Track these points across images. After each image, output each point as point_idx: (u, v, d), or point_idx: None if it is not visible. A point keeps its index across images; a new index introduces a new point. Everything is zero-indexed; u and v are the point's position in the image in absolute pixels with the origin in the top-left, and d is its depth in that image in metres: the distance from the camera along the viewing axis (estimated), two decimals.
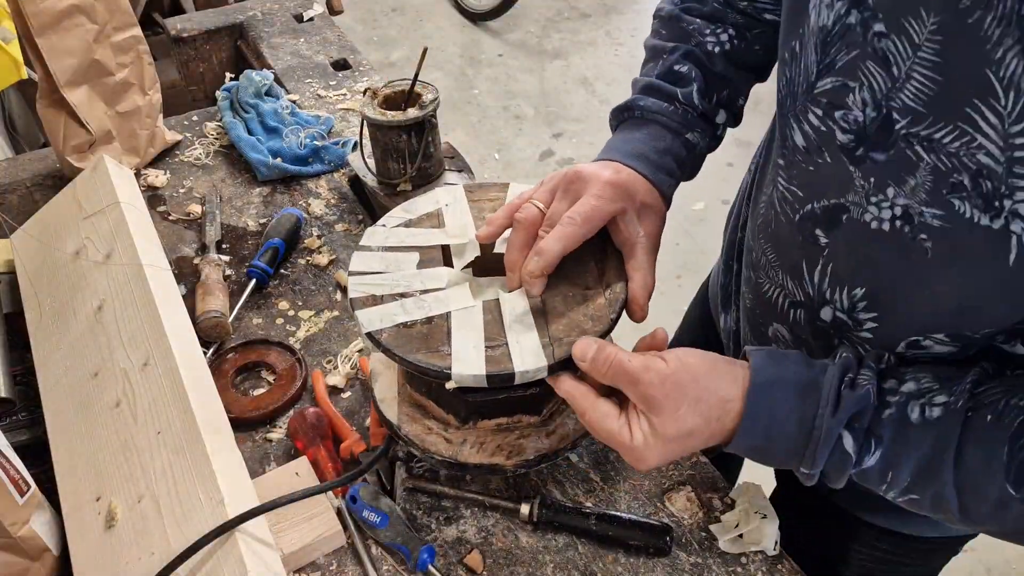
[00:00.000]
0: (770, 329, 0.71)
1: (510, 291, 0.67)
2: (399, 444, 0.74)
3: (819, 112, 0.57)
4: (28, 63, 0.99)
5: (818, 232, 0.61)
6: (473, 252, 0.72)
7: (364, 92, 1.07)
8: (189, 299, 0.95)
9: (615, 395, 0.61)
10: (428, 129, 1.02)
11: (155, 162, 1.21)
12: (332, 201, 1.14)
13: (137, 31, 1.11)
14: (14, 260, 0.96)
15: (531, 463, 0.69)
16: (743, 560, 0.71)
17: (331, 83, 1.37)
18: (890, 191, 0.53)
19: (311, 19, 1.53)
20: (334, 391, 0.87)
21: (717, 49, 0.75)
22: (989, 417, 0.51)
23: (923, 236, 0.52)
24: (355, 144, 1.16)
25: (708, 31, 0.75)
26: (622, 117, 0.77)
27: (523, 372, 0.61)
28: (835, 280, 0.61)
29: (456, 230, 0.74)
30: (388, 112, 1.01)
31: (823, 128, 0.57)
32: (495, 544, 0.73)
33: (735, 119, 0.79)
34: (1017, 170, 0.45)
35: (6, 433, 0.71)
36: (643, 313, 0.67)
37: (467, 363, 0.61)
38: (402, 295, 0.68)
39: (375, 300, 0.67)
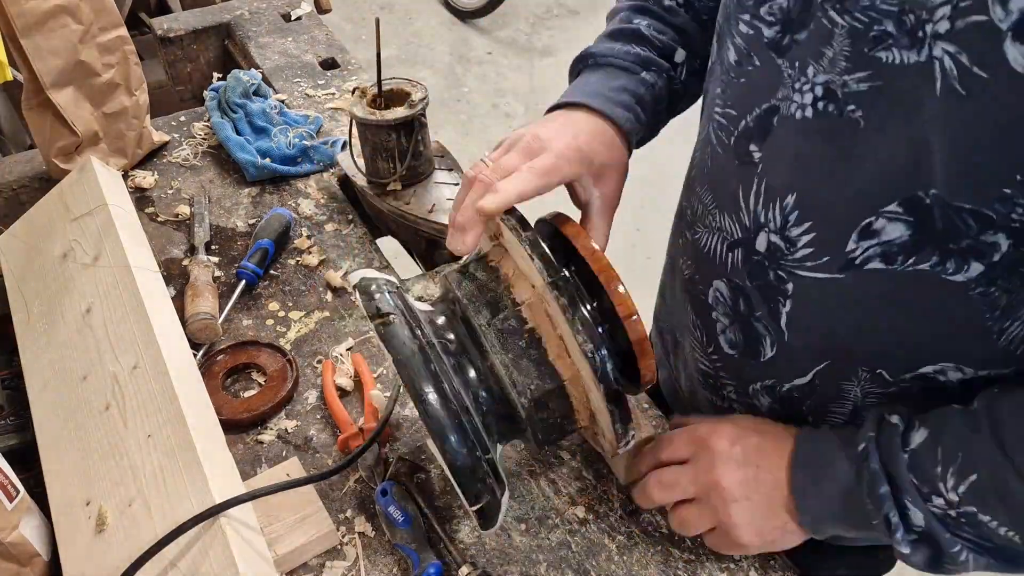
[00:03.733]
0: (710, 293, 0.71)
1: (450, 250, 0.64)
2: (390, 448, 0.73)
3: (747, 17, 0.59)
4: (13, 64, 0.98)
5: (752, 148, 0.61)
6: None
7: (353, 91, 1.07)
8: (178, 301, 0.94)
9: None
10: (418, 128, 1.02)
11: (143, 163, 1.20)
12: (321, 201, 1.14)
13: (123, 31, 1.10)
14: (0, 263, 0.95)
15: None
16: (736, 557, 0.71)
17: (319, 82, 1.36)
18: (810, 70, 0.54)
19: (299, 18, 1.53)
20: (342, 395, 0.86)
21: (675, 4, 0.76)
22: (1008, 404, 0.54)
23: (851, 107, 0.52)
24: (344, 144, 1.16)
25: None
26: (577, 69, 0.77)
27: None
28: (768, 196, 0.60)
29: None
30: (377, 111, 1.01)
31: (751, 31, 0.59)
32: (488, 544, 0.73)
33: (695, 68, 0.78)
34: None
35: None
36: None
37: None
38: None
39: None
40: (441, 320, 0.64)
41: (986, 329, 0.55)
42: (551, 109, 0.72)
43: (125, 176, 1.16)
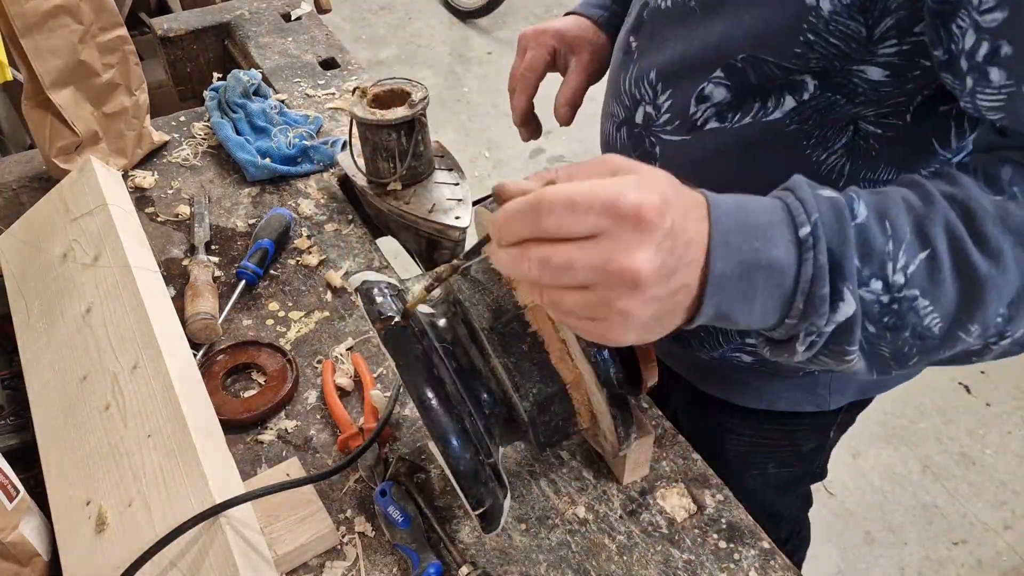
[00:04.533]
0: None
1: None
2: (390, 448, 0.73)
3: None
4: (13, 64, 0.98)
5: (631, 40, 0.75)
6: None
7: (353, 91, 1.07)
8: (178, 301, 0.94)
9: None
10: (418, 128, 1.02)
11: (143, 163, 1.20)
12: (321, 201, 1.13)
13: (123, 31, 1.10)
14: (0, 263, 0.95)
15: None
16: (736, 557, 0.71)
17: (319, 82, 1.36)
18: None
19: (299, 18, 1.53)
20: (343, 395, 0.86)
21: None
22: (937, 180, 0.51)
23: (691, 1, 0.66)
24: (344, 143, 1.16)
25: None
26: None
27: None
28: (639, 74, 0.73)
29: None
30: (378, 111, 1.01)
31: None
32: (488, 544, 0.73)
33: None
34: None
35: None
36: (561, 113, 0.85)
37: None
38: None
39: None
40: (442, 323, 0.64)
41: (808, 162, 0.66)
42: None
43: (125, 176, 1.16)
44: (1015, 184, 0.50)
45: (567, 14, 0.91)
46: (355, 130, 1.06)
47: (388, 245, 1.16)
